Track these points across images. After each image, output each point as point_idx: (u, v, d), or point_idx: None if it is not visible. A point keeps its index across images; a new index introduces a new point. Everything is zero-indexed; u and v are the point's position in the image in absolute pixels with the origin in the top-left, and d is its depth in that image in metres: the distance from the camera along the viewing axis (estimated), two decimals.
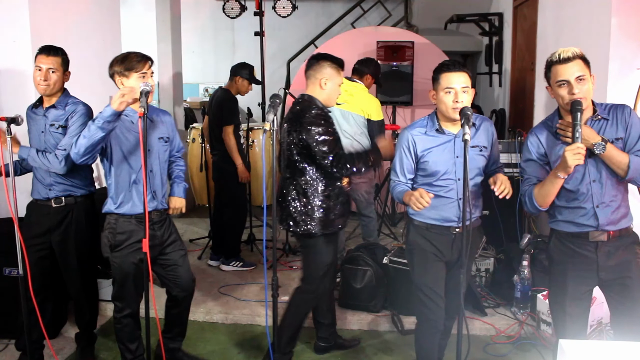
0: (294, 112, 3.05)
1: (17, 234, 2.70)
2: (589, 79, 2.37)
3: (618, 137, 2.38)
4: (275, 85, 6.76)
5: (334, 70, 3.03)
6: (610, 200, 2.39)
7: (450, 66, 2.58)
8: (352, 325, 3.83)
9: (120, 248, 2.87)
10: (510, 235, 4.34)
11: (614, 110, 2.43)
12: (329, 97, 3.06)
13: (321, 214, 3.01)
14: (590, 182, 2.39)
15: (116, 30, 4.71)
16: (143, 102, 2.53)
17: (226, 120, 4.49)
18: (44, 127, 3.08)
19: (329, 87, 3.03)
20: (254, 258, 4.97)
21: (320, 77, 3.03)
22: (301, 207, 3.02)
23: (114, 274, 2.95)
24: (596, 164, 2.39)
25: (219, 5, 6.61)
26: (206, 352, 3.50)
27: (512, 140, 4.64)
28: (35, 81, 3.05)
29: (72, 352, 3.46)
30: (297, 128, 2.97)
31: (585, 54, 2.39)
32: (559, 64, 2.37)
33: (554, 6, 4.41)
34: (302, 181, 3.02)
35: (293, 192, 3.04)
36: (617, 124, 2.40)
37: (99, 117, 2.63)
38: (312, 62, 3.09)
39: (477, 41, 7.47)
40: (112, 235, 2.87)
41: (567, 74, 2.35)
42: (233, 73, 4.67)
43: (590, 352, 1.90)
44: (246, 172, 4.62)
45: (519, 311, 3.78)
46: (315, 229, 3.02)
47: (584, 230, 2.42)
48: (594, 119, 2.41)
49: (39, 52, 3.05)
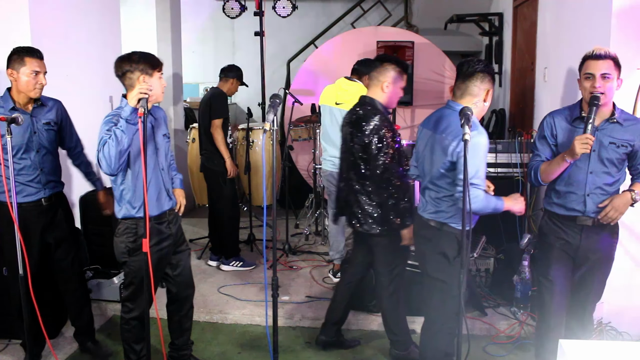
0: (357, 116, 3.09)
1: (17, 234, 2.70)
2: (615, 80, 2.60)
3: (625, 143, 2.63)
4: (275, 85, 6.76)
5: (397, 74, 3.04)
6: (601, 192, 2.68)
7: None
8: (352, 325, 3.82)
9: (141, 250, 2.81)
10: (510, 235, 4.34)
11: (631, 120, 2.69)
12: (390, 100, 3.09)
13: (380, 213, 3.06)
14: (588, 172, 2.67)
15: (116, 30, 4.71)
16: (143, 102, 2.53)
17: (214, 114, 4.52)
18: (34, 128, 3.04)
19: (390, 90, 3.06)
20: (253, 258, 4.98)
21: (383, 80, 3.04)
22: (365, 207, 3.08)
23: (129, 277, 2.92)
24: (598, 159, 2.66)
25: (219, 5, 6.61)
26: (206, 352, 3.49)
27: (512, 140, 4.64)
28: (30, 86, 2.97)
29: (72, 352, 3.46)
30: (358, 133, 3.02)
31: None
32: (591, 58, 2.60)
33: (554, 6, 4.41)
34: (363, 183, 3.08)
35: (357, 192, 3.11)
36: (629, 132, 2.65)
37: (120, 122, 2.61)
38: (376, 64, 3.09)
39: (477, 41, 7.46)
40: (133, 239, 2.84)
41: (595, 68, 2.58)
42: (228, 75, 4.73)
43: (590, 352, 1.90)
44: (234, 166, 4.65)
45: (519, 311, 3.78)
46: (377, 228, 3.08)
47: (572, 215, 2.72)
48: (609, 120, 2.66)
49: (28, 55, 2.97)
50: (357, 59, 4.47)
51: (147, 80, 2.71)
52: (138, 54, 2.77)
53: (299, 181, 6.23)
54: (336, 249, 4.49)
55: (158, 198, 2.88)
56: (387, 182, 3.01)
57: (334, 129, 4.25)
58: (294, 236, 5.52)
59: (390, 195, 3.01)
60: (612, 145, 2.64)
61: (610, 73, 2.57)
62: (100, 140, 2.65)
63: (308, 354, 3.50)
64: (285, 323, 3.84)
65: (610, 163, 2.66)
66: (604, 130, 2.66)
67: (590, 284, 2.82)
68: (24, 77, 2.97)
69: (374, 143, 2.98)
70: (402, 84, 3.08)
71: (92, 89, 4.22)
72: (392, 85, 3.05)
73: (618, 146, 2.63)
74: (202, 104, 4.70)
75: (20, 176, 3.03)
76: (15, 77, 2.98)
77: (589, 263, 2.77)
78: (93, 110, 4.28)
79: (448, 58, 6.32)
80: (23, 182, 3.04)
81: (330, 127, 4.28)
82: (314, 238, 5.52)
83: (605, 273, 2.84)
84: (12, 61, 2.98)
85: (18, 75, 2.97)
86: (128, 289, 2.94)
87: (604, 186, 2.67)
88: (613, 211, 2.64)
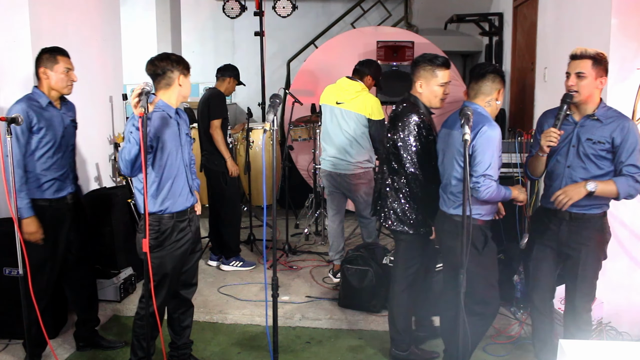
0: (397, 113, 3.13)
1: (17, 233, 2.70)
2: (593, 80, 2.67)
3: (602, 140, 2.69)
4: (275, 85, 6.77)
5: (428, 72, 3.03)
6: None
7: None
8: (352, 326, 3.83)
9: (163, 247, 2.87)
10: (510, 235, 4.34)
11: (614, 119, 2.70)
12: (430, 99, 3.08)
13: (412, 214, 3.11)
14: (565, 166, 2.79)
15: (116, 30, 4.71)
16: (143, 102, 2.53)
17: (213, 114, 4.52)
18: (66, 124, 3.18)
19: (424, 88, 3.06)
20: (253, 258, 4.98)
21: (417, 80, 3.07)
22: (395, 206, 3.13)
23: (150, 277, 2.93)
24: (576, 154, 2.75)
25: (219, 5, 6.61)
26: (206, 352, 3.50)
27: (512, 140, 4.64)
28: (63, 83, 3.10)
29: (72, 352, 3.46)
30: (396, 128, 3.07)
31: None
32: (571, 59, 2.74)
33: (554, 6, 4.41)
34: (394, 180, 3.14)
35: (388, 187, 3.17)
36: (609, 130, 2.68)
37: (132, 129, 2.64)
38: (424, 64, 3.06)
39: (477, 41, 7.46)
40: (155, 235, 2.84)
41: (571, 67, 2.72)
42: (224, 74, 4.73)
43: (590, 352, 1.91)
44: (235, 165, 4.65)
45: (518, 311, 3.78)
46: (407, 228, 3.12)
47: (552, 208, 2.80)
48: (588, 117, 2.73)
49: (59, 53, 3.10)
50: (357, 59, 4.47)
51: (184, 81, 2.85)
52: (175, 55, 2.89)
53: (299, 181, 6.23)
54: (336, 249, 4.49)
55: (181, 194, 2.91)
56: (416, 180, 3.05)
57: (335, 129, 4.25)
58: (294, 236, 5.52)
59: (418, 193, 3.08)
60: (589, 142, 2.72)
61: (585, 72, 2.66)
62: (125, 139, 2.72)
63: (308, 354, 3.51)
64: (285, 323, 3.84)
65: (587, 159, 2.73)
66: (583, 126, 2.75)
67: (574, 279, 2.84)
68: (58, 74, 3.09)
69: (407, 140, 3.02)
70: (438, 81, 3.03)
71: (92, 89, 4.22)
72: (425, 84, 3.04)
73: (594, 142, 2.70)
74: (201, 104, 4.70)
75: (51, 172, 3.12)
76: (48, 75, 3.07)
77: (572, 259, 2.83)
78: (93, 110, 4.29)
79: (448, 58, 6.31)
80: (54, 178, 3.13)
81: (330, 126, 4.28)
82: (313, 238, 5.52)
83: (589, 270, 2.82)
84: (43, 60, 3.09)
85: (51, 73, 3.07)
86: (148, 285, 2.93)
87: (580, 181, 2.73)
88: (563, 195, 2.70)
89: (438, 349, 3.45)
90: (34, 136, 3.01)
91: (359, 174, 4.24)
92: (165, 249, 2.86)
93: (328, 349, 3.56)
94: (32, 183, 3.05)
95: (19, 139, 2.95)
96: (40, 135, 3.02)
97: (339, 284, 4.12)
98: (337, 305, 4.03)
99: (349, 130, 4.18)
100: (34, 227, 3.00)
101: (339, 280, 4.25)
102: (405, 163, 3.04)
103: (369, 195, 4.37)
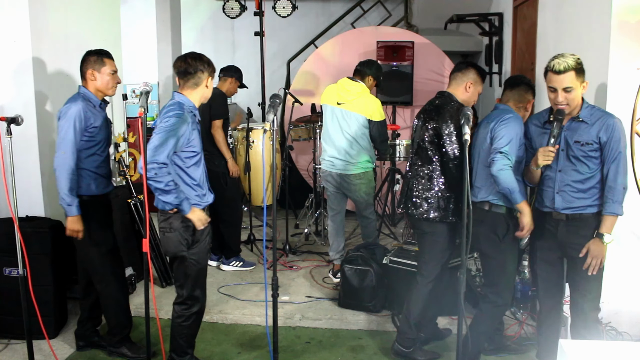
0: (434, 105, 3.25)
1: (17, 234, 2.70)
2: (578, 88, 2.70)
3: (590, 141, 2.71)
4: (275, 85, 6.77)
5: (478, 78, 3.25)
6: (571, 190, 2.78)
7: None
8: (352, 326, 3.83)
9: (198, 243, 2.95)
10: None
11: (601, 118, 2.73)
12: (469, 99, 3.26)
13: (441, 202, 3.16)
14: (557, 170, 2.80)
15: (116, 30, 4.71)
16: (143, 101, 2.54)
17: (214, 115, 4.51)
18: (108, 123, 3.30)
19: (471, 90, 3.24)
20: (253, 258, 4.98)
21: (467, 80, 3.23)
22: (424, 192, 3.20)
23: (189, 272, 2.98)
24: (566, 157, 2.77)
25: (219, 5, 6.62)
26: (206, 352, 3.50)
27: None
28: (110, 84, 3.20)
29: (72, 352, 3.46)
30: (435, 118, 3.17)
31: (582, 57, 2.68)
32: (552, 73, 2.70)
33: (554, 6, 4.40)
34: (429, 168, 3.20)
35: (419, 177, 3.24)
36: (596, 130, 2.71)
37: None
38: (461, 67, 3.29)
39: (477, 41, 7.46)
40: (191, 232, 2.91)
41: (557, 83, 2.69)
42: (227, 74, 4.73)
43: (590, 352, 1.91)
44: (236, 166, 4.66)
45: (518, 311, 3.78)
46: (433, 214, 3.17)
47: (547, 210, 2.86)
48: (574, 119, 2.76)
49: (105, 56, 3.19)
50: (357, 59, 4.47)
51: (210, 84, 2.98)
52: (206, 57, 2.97)
53: (299, 181, 6.23)
54: (336, 249, 4.49)
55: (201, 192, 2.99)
56: (452, 170, 3.11)
57: (335, 129, 4.25)
58: (294, 236, 5.52)
59: (452, 183, 3.14)
60: (577, 144, 2.74)
61: (572, 85, 2.67)
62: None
63: (308, 354, 3.51)
64: (285, 323, 3.84)
65: (578, 161, 2.75)
66: (570, 129, 2.77)
67: (577, 280, 2.84)
68: (105, 76, 3.19)
69: (447, 130, 3.09)
70: (480, 89, 3.29)
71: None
72: (473, 87, 3.24)
73: (582, 144, 2.72)
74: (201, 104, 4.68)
75: (101, 169, 3.23)
76: (95, 77, 3.17)
77: (573, 260, 2.84)
78: None
79: (448, 58, 6.32)
80: (102, 175, 3.24)
81: (331, 127, 4.28)
82: (313, 238, 5.52)
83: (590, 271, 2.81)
84: (91, 62, 3.18)
85: (99, 75, 3.17)
86: (187, 286, 3.00)
87: (573, 183, 2.76)
88: (594, 260, 2.74)
89: (438, 350, 3.45)
90: (89, 135, 3.11)
91: (360, 174, 4.24)
92: (201, 243, 2.97)
93: (328, 349, 3.56)
94: (85, 180, 3.13)
95: (75, 138, 3.02)
96: (94, 134, 3.13)
97: (339, 284, 4.12)
98: (337, 305, 4.03)
99: (350, 131, 4.18)
100: (81, 225, 3.08)
101: (339, 280, 4.25)
102: (447, 149, 3.11)
103: (369, 195, 4.37)
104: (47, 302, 3.49)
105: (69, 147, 3.00)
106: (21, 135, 3.31)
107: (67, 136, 2.99)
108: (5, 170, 2.74)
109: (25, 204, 3.34)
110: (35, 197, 3.68)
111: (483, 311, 3.12)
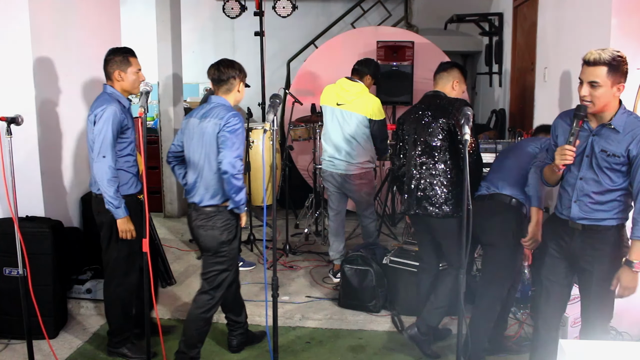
0: (441, 103, 3.31)
1: (17, 234, 2.70)
2: (609, 88, 2.40)
3: (617, 153, 2.44)
4: (275, 85, 6.76)
5: (462, 76, 3.42)
6: (590, 201, 2.53)
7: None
8: (352, 326, 3.83)
9: (235, 237, 3.11)
10: None
11: (635, 129, 2.43)
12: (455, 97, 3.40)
13: (459, 196, 3.18)
14: (578, 177, 2.56)
15: (116, 30, 4.71)
16: (143, 101, 2.54)
17: None
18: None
19: (457, 88, 3.40)
20: (253, 258, 4.98)
21: (453, 79, 3.38)
22: (440, 190, 3.22)
23: (225, 267, 3.11)
24: (589, 165, 2.52)
25: (219, 5, 6.61)
26: (206, 352, 3.49)
27: (512, 140, 4.64)
28: (136, 83, 3.18)
29: (72, 352, 3.46)
30: (447, 115, 3.22)
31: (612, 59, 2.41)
32: (584, 63, 2.45)
33: (554, 6, 4.41)
34: (441, 165, 3.23)
35: (431, 176, 3.25)
36: (627, 141, 2.43)
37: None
38: (446, 67, 3.45)
39: (477, 41, 7.47)
40: (231, 229, 3.07)
41: (584, 75, 2.44)
42: None
43: (590, 352, 1.90)
44: None
45: (519, 311, 3.78)
46: (452, 210, 3.20)
47: (564, 218, 2.64)
48: (605, 125, 2.48)
49: (130, 54, 3.18)
50: (357, 59, 4.47)
51: (242, 88, 3.13)
52: (238, 63, 3.08)
53: (299, 181, 6.23)
54: (336, 249, 4.49)
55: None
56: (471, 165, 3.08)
57: (336, 130, 4.25)
58: (294, 236, 5.52)
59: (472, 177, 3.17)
60: (603, 153, 2.47)
61: (599, 80, 2.38)
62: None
63: (308, 354, 3.51)
64: (285, 323, 3.84)
65: (601, 172, 2.49)
66: (598, 135, 2.50)
67: (588, 295, 2.63)
68: (131, 75, 3.18)
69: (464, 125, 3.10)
70: (464, 87, 3.48)
71: (92, 89, 4.21)
72: (458, 86, 3.40)
73: (608, 155, 2.45)
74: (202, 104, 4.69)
75: (133, 168, 3.25)
76: (122, 77, 3.16)
77: (586, 274, 2.61)
78: None
79: (448, 58, 6.32)
80: (134, 174, 3.26)
81: (331, 127, 4.28)
82: (314, 238, 5.52)
83: (604, 287, 2.55)
84: (117, 63, 3.15)
85: (125, 75, 3.16)
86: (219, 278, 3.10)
87: (592, 194, 2.51)
88: (627, 291, 2.49)
89: (438, 350, 3.45)
90: (123, 136, 3.13)
91: (361, 174, 4.24)
92: (236, 239, 3.13)
93: (328, 349, 3.56)
94: (121, 180, 3.14)
95: (113, 140, 3.04)
96: (127, 134, 3.16)
97: (339, 284, 4.12)
98: (337, 305, 4.03)
99: (350, 131, 4.18)
100: (131, 224, 3.11)
101: (339, 280, 4.25)
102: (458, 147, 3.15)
103: (370, 195, 4.37)
104: (47, 302, 3.49)
105: (108, 150, 3.01)
106: (21, 135, 3.31)
107: (106, 139, 3.00)
108: (5, 170, 2.74)
109: (25, 204, 3.33)
110: (35, 197, 3.68)
111: (478, 307, 3.17)
